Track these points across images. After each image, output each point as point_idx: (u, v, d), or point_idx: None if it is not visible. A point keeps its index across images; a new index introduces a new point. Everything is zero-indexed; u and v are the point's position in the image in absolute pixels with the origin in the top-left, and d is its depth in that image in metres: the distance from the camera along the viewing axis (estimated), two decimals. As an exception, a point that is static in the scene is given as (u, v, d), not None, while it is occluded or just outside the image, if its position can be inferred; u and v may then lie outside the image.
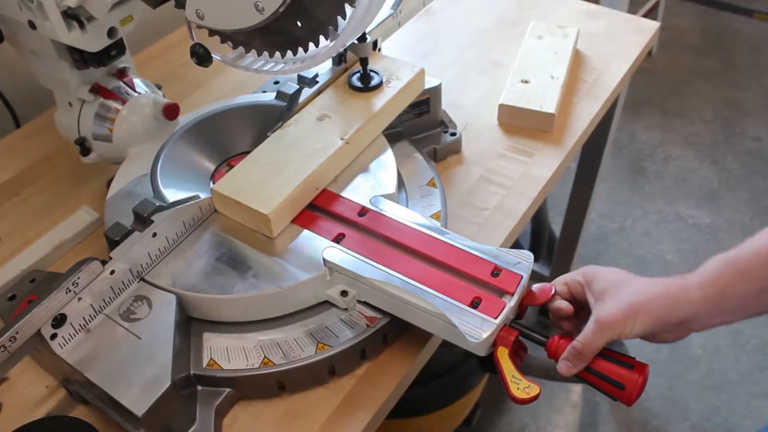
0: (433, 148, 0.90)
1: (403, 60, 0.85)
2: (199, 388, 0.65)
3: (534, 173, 0.89)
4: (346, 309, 0.68)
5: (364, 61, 0.81)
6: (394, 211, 0.72)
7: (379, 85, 0.81)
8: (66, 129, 0.84)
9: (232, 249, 0.70)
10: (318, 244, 0.69)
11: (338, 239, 0.69)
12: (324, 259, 0.67)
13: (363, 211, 0.72)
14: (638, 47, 1.10)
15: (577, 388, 1.65)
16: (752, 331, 1.74)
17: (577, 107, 0.99)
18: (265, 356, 0.65)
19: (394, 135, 0.86)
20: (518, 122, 0.96)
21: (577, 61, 1.08)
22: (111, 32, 0.75)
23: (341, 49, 0.67)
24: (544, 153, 0.92)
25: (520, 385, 0.59)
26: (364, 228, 0.70)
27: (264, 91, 0.98)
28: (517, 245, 0.80)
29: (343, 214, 0.72)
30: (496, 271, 0.65)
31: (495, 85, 1.03)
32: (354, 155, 0.78)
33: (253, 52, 0.67)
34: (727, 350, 1.70)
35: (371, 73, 0.82)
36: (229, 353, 0.65)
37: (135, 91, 0.82)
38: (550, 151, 0.93)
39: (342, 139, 0.75)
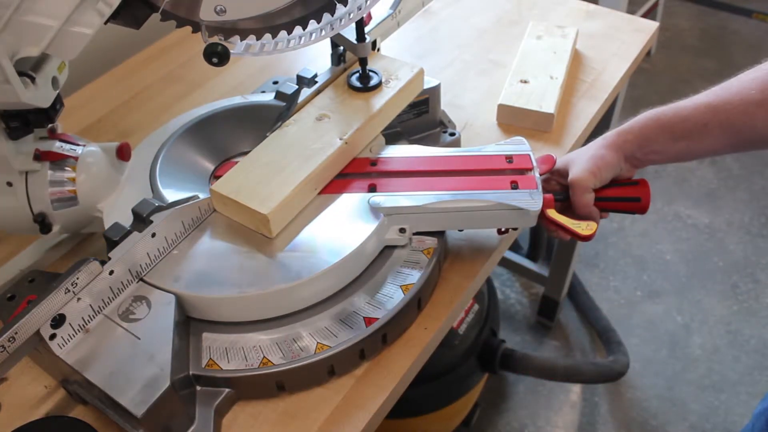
0: (432, 148, 0.90)
1: (402, 60, 0.85)
2: (198, 388, 0.65)
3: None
4: (405, 245, 0.74)
5: (363, 61, 0.81)
6: (398, 151, 0.79)
7: (378, 85, 0.81)
8: (11, 214, 0.73)
9: (231, 248, 0.70)
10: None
11: (371, 189, 0.74)
12: (376, 207, 0.72)
13: (372, 161, 0.77)
14: (637, 47, 1.10)
15: (576, 389, 1.65)
16: (751, 332, 1.74)
17: (576, 107, 0.99)
18: (264, 356, 0.65)
19: (393, 135, 0.86)
20: (517, 122, 0.96)
21: (576, 61, 1.08)
22: (54, 82, 0.67)
23: (369, 10, 0.66)
24: (544, 153, 0.92)
25: (581, 226, 0.72)
26: (386, 172, 0.76)
27: (263, 91, 0.98)
28: (516, 245, 0.81)
29: (359, 170, 0.77)
30: (509, 159, 0.76)
31: (494, 85, 1.03)
32: (353, 155, 0.78)
33: (266, 36, 0.64)
34: (726, 350, 1.71)
35: (370, 73, 0.82)
36: (228, 353, 0.66)
37: (78, 144, 0.76)
38: (549, 151, 0.93)
39: (341, 139, 0.75)
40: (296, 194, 0.71)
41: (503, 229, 0.79)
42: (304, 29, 0.65)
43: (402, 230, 0.73)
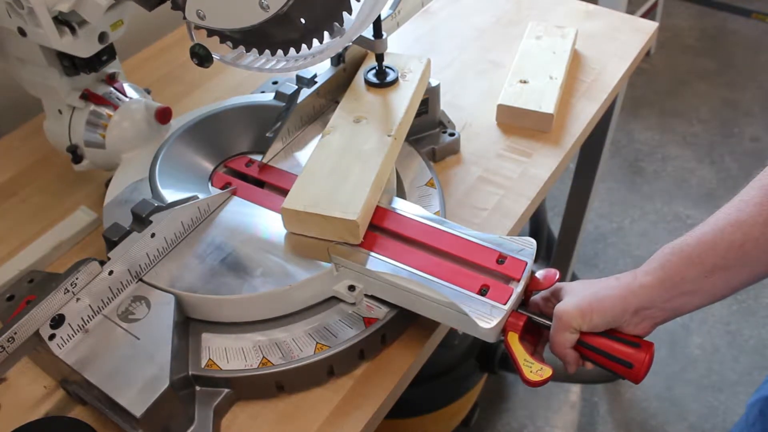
0: (431, 148, 0.90)
1: (407, 54, 0.86)
2: (198, 388, 0.65)
3: (532, 173, 0.89)
4: (353, 303, 0.68)
5: (379, 57, 0.82)
6: (396, 204, 0.73)
7: (396, 80, 0.82)
8: (56, 137, 0.83)
9: (230, 249, 0.70)
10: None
11: None
12: (331, 254, 0.67)
13: None
14: (636, 47, 1.10)
15: (575, 389, 1.65)
16: (750, 332, 1.74)
17: (575, 107, 0.99)
18: (263, 356, 0.65)
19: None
20: (517, 122, 0.96)
21: (576, 61, 1.08)
22: (102, 37, 0.74)
23: (348, 43, 0.66)
24: (543, 153, 0.92)
25: (532, 368, 0.61)
26: (369, 224, 0.71)
27: (263, 92, 0.98)
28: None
29: None
30: (501, 259, 0.66)
31: (493, 85, 1.03)
32: (399, 149, 0.77)
33: (254, 51, 0.67)
34: (725, 350, 1.71)
35: (386, 69, 0.83)
36: (227, 353, 0.65)
37: (126, 96, 0.82)
38: (549, 151, 0.93)
39: (389, 135, 0.75)
40: (372, 195, 0.70)
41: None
42: (285, 54, 0.65)
43: (351, 288, 0.68)
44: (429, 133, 0.92)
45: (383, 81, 0.82)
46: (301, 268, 0.67)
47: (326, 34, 0.63)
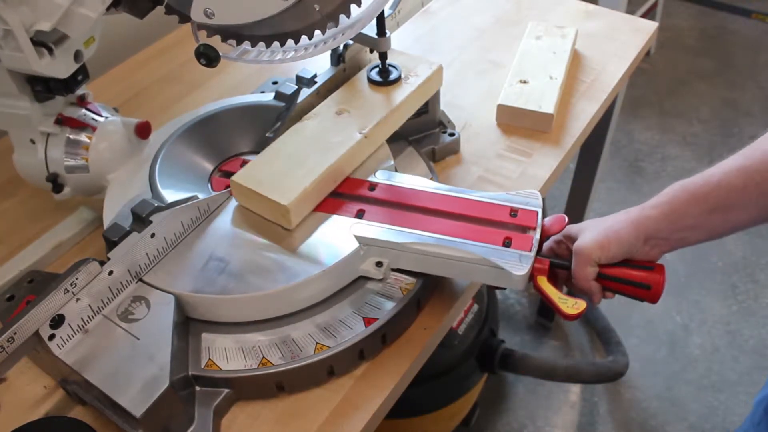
0: (431, 148, 0.90)
1: (420, 56, 0.86)
2: (198, 388, 0.65)
3: (532, 173, 0.89)
4: (382, 279, 0.70)
5: (383, 56, 0.82)
6: (400, 179, 0.75)
7: (398, 79, 0.82)
8: (30, 169, 0.78)
9: (230, 249, 0.70)
10: (333, 230, 0.71)
11: (359, 215, 0.72)
12: (355, 235, 0.68)
13: (372, 186, 0.75)
14: (636, 47, 1.10)
15: (575, 389, 1.65)
16: (750, 332, 1.74)
17: (575, 107, 0.99)
18: (263, 356, 0.65)
19: (392, 135, 0.85)
20: (517, 122, 0.96)
21: (576, 61, 1.08)
22: (77, 56, 0.71)
23: (362, 29, 0.67)
24: (543, 153, 0.92)
25: (568, 303, 0.65)
26: (380, 200, 0.73)
27: (262, 92, 0.98)
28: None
29: (355, 192, 0.74)
30: (513, 212, 0.70)
31: (493, 85, 1.03)
32: (372, 149, 0.78)
33: (260, 44, 0.65)
34: (725, 350, 1.71)
35: (390, 68, 0.83)
36: (227, 354, 0.65)
37: (101, 116, 0.79)
38: (549, 151, 0.93)
39: (360, 133, 0.76)
40: (316, 186, 0.71)
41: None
42: (296, 43, 0.65)
43: (378, 264, 0.70)
44: (429, 133, 0.92)
45: (385, 79, 0.82)
46: (302, 267, 0.67)
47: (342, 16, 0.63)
